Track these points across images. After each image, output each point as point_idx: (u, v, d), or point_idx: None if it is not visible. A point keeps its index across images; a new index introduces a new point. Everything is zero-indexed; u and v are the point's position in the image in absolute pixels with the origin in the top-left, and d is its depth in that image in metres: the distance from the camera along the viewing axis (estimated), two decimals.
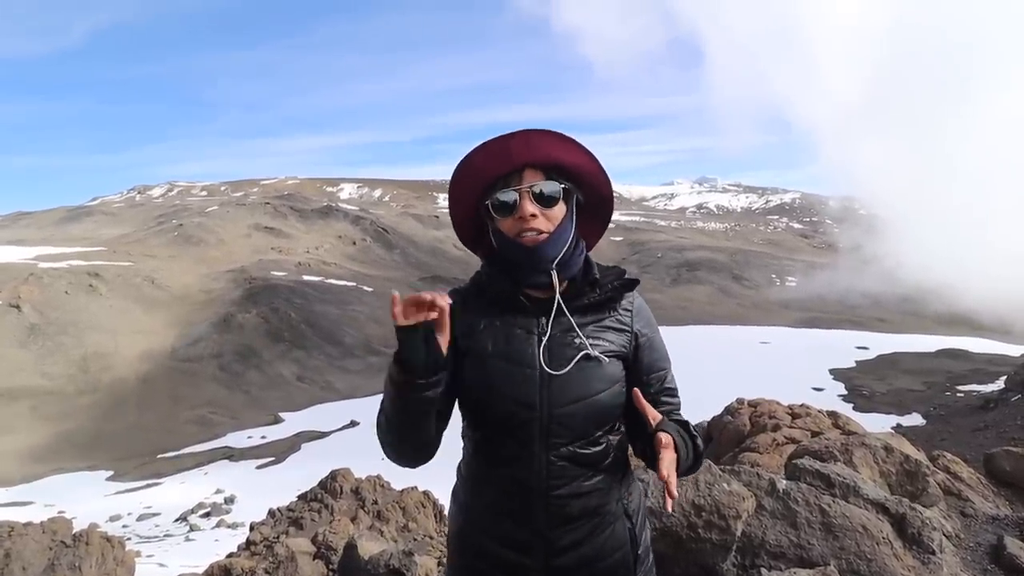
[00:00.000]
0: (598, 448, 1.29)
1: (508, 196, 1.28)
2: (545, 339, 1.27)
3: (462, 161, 1.32)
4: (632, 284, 1.39)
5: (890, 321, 65.38)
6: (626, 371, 1.34)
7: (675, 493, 1.13)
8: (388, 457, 1.30)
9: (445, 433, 1.36)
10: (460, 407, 1.36)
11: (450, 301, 1.13)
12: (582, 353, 1.26)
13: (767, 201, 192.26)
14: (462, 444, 1.41)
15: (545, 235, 1.28)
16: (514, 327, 1.30)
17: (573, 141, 1.30)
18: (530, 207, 1.27)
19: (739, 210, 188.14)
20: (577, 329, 1.28)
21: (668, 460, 1.15)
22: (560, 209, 1.31)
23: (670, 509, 1.15)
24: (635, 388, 1.25)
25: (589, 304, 1.32)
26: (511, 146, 1.28)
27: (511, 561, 1.29)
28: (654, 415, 1.21)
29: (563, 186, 1.31)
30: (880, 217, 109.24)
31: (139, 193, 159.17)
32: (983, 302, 62.20)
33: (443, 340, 1.16)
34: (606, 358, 1.28)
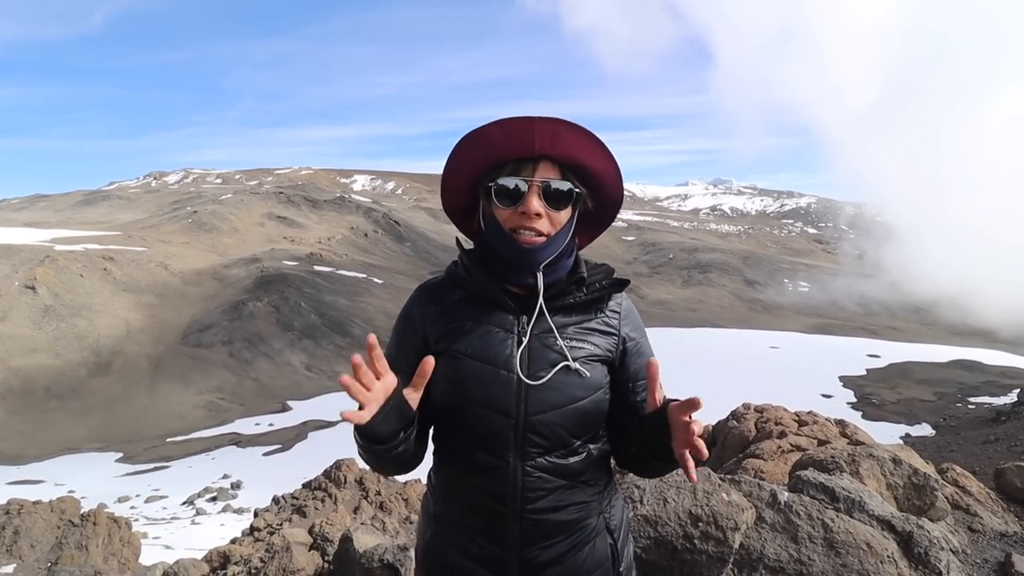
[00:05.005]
0: (578, 458, 1.19)
1: (517, 185, 1.16)
2: (525, 340, 1.17)
3: (475, 131, 1.17)
4: (622, 284, 1.27)
5: (903, 330, 64.64)
6: (610, 376, 1.24)
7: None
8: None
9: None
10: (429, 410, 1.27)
11: (372, 373, 1.04)
12: (562, 364, 1.16)
13: (782, 205, 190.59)
14: (432, 449, 1.30)
15: (543, 239, 1.17)
16: (491, 326, 1.19)
17: (600, 143, 1.17)
18: (537, 204, 1.15)
19: (753, 213, 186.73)
20: (557, 334, 1.18)
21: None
22: (567, 213, 1.19)
23: (698, 431, 1.04)
24: (652, 359, 1.12)
25: (574, 304, 1.22)
26: (535, 132, 1.14)
27: None
28: (660, 397, 1.10)
29: (577, 190, 1.19)
30: (895, 225, 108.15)
31: (155, 179, 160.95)
32: (999, 314, 61.33)
33: (412, 397, 1.10)
34: (587, 371, 1.17)
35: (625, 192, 1.30)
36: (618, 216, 1.35)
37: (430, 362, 1.08)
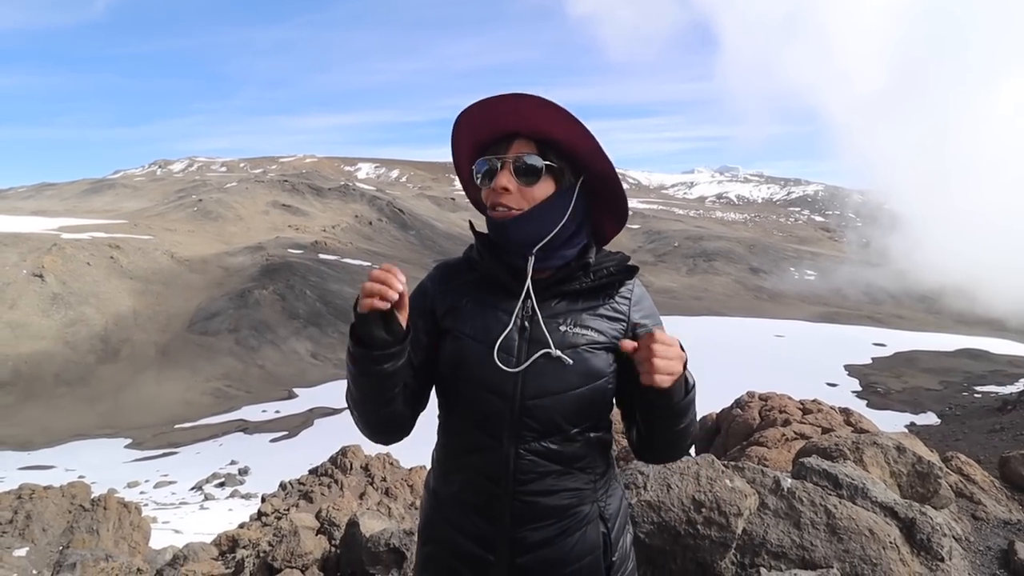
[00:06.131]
0: (573, 445, 1.20)
1: (490, 164, 1.20)
2: (512, 324, 1.19)
3: (461, 114, 1.20)
4: (630, 271, 1.26)
5: (909, 318, 64.35)
6: (621, 364, 1.21)
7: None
8: (362, 433, 1.25)
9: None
10: (435, 388, 1.29)
11: (402, 284, 1.08)
12: (542, 352, 1.16)
13: (789, 193, 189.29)
14: (436, 427, 1.32)
15: (515, 212, 1.18)
16: (496, 308, 1.21)
17: (566, 113, 1.14)
18: (504, 180, 1.17)
19: (760, 201, 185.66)
20: (542, 322, 1.18)
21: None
22: (543, 188, 1.18)
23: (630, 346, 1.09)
24: (623, 340, 1.13)
25: (580, 290, 1.22)
26: (500, 111, 1.16)
27: (475, 555, 1.22)
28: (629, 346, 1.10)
29: (547, 163, 1.17)
30: (902, 213, 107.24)
31: (160, 167, 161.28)
32: (1007, 303, 60.92)
33: (402, 316, 1.12)
34: (570, 360, 1.17)
35: (631, 180, 1.28)
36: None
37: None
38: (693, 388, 1.17)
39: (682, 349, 1.11)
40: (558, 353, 1.17)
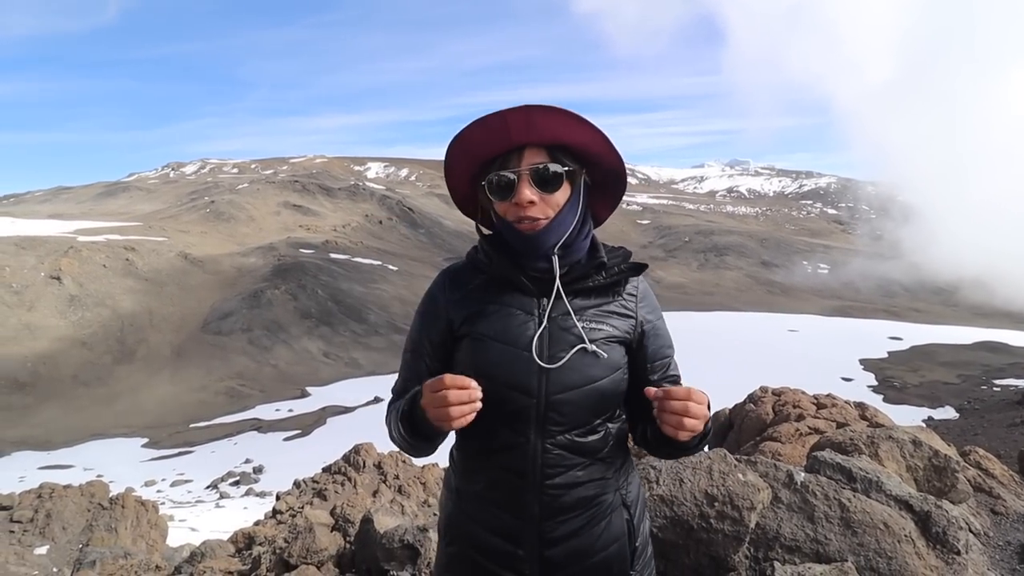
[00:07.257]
0: (596, 436, 1.23)
1: (505, 178, 1.19)
2: (544, 323, 1.20)
3: (456, 136, 1.20)
4: (639, 268, 1.29)
5: (926, 311, 63.49)
6: (629, 358, 1.27)
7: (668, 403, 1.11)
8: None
9: None
10: None
11: (479, 392, 1.11)
12: (579, 347, 1.19)
13: (801, 185, 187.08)
14: None
15: (544, 222, 1.20)
16: (513, 308, 1.23)
17: (579, 118, 1.16)
18: (528, 193, 1.17)
19: (771, 194, 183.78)
20: (574, 317, 1.21)
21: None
22: (563, 193, 1.21)
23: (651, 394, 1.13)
24: (647, 388, 1.16)
25: (592, 287, 1.24)
26: (509, 124, 1.16)
27: (503, 551, 1.24)
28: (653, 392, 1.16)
29: (567, 168, 1.20)
30: (915, 204, 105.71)
31: (173, 170, 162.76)
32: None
33: None
34: (604, 353, 1.20)
35: (640, 175, 1.29)
36: (633, 200, 1.35)
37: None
38: (710, 431, 1.22)
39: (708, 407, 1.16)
40: (594, 348, 1.20)
